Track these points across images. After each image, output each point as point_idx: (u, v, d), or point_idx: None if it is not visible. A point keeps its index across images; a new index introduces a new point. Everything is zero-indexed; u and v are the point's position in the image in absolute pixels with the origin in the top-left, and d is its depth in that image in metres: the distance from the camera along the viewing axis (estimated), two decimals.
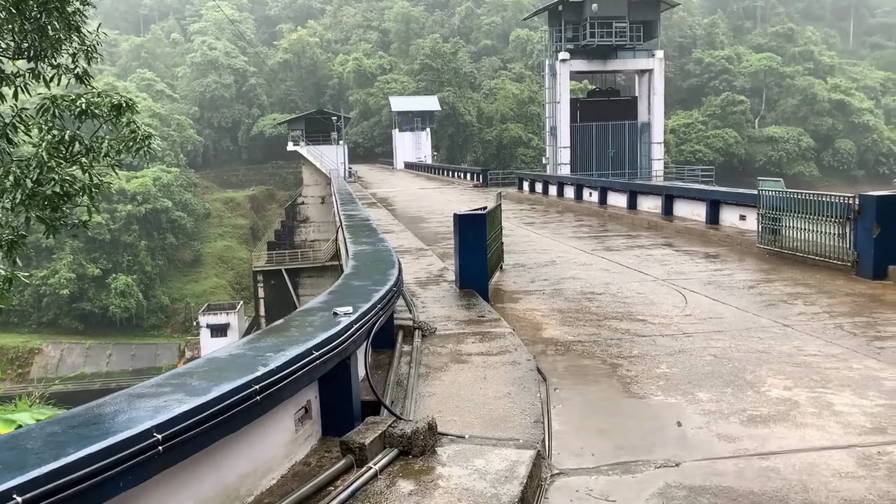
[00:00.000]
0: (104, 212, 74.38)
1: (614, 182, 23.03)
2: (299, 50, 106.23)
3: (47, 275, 72.00)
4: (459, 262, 9.86)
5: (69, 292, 71.04)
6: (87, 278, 72.81)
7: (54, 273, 71.98)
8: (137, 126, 9.12)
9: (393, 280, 6.26)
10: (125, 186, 76.88)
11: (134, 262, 75.94)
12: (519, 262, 13.45)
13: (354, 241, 9.39)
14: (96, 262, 74.37)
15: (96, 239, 74.31)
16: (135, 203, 76.88)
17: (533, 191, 30.47)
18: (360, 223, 11.68)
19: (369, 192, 37.15)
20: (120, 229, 75.98)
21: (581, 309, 9.48)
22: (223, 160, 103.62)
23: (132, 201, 76.78)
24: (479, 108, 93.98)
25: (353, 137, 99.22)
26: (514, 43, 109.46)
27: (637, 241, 15.79)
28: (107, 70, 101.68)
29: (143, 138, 9.00)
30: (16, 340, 69.44)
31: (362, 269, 7.08)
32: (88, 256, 74.88)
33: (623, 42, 43.49)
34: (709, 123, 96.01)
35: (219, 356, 4.12)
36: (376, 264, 7.16)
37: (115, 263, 75.11)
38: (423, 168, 61.45)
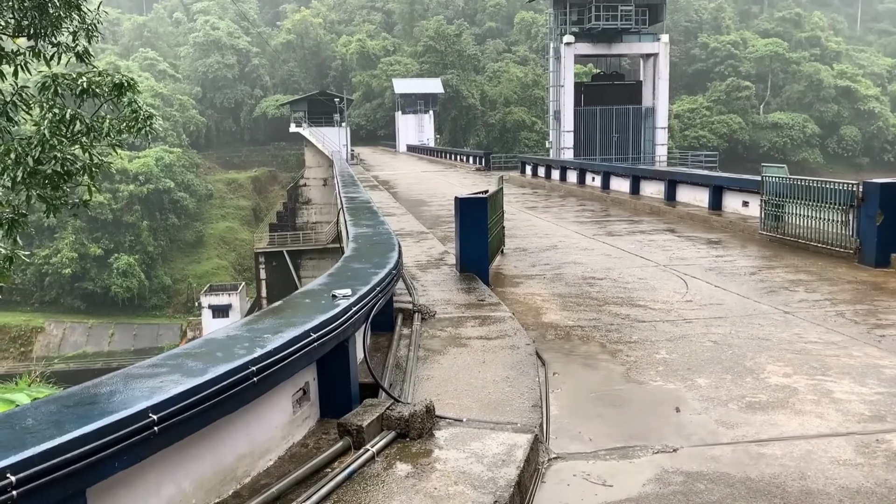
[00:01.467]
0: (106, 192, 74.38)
1: (617, 167, 22.93)
2: (302, 31, 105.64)
3: (49, 254, 72.13)
4: (460, 246, 9.84)
5: (71, 272, 71.15)
6: (89, 258, 72.90)
7: (56, 252, 72.10)
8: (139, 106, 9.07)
9: (392, 263, 6.24)
10: (127, 166, 76.80)
11: (136, 243, 75.98)
12: (520, 246, 13.42)
13: (355, 223, 9.36)
14: (98, 242, 74.41)
15: (98, 219, 74.29)
16: (137, 183, 76.79)
17: (536, 175, 30.37)
18: (361, 205, 11.64)
19: (371, 175, 37.06)
20: (122, 209, 75.94)
21: (582, 294, 9.46)
22: (225, 141, 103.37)
23: (134, 181, 76.69)
24: (483, 91, 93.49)
25: (356, 119, 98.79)
26: (518, 25, 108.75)
27: (639, 227, 15.75)
28: (109, 49, 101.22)
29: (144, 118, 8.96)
30: (18, 319, 69.68)
31: (362, 251, 7.06)
32: (90, 236, 74.92)
33: (628, 26, 43.16)
34: (713, 109, 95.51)
35: (216, 337, 4.11)
36: (376, 247, 7.14)
37: (118, 243, 75.16)
38: (425, 151, 61.24)
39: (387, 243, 7.28)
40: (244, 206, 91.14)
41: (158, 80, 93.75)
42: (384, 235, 7.84)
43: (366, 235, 8.08)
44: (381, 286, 5.54)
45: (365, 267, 6.08)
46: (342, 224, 11.99)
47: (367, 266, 6.09)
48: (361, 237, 7.99)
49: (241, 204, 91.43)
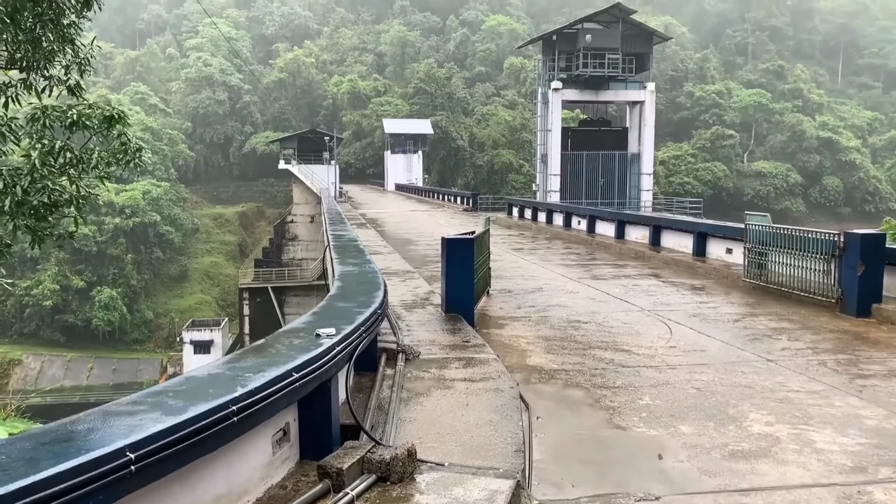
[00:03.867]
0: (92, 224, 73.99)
1: (603, 211, 23.14)
2: (294, 69, 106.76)
3: (31, 285, 71.30)
4: (445, 287, 9.84)
5: (52, 304, 70.31)
6: (71, 290, 72.15)
7: (38, 284, 71.29)
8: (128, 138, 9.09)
9: (378, 302, 6.23)
10: (114, 199, 76.53)
11: (119, 276, 75.37)
12: (506, 287, 13.45)
13: (341, 261, 9.36)
14: (81, 275, 73.74)
15: (83, 251, 73.78)
16: (123, 216, 76.47)
17: (522, 217, 30.57)
18: (348, 244, 11.65)
19: (359, 213, 37.15)
20: (107, 242, 75.45)
21: (566, 337, 9.46)
22: (214, 176, 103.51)
23: (120, 214, 76.37)
24: (472, 132, 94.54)
25: (346, 158, 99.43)
26: (507, 70, 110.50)
27: (624, 271, 15.84)
28: (101, 82, 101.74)
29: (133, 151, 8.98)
30: None
31: (347, 290, 7.05)
32: (74, 268, 74.26)
33: (615, 73, 44.00)
34: (698, 156, 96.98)
35: (197, 375, 4.07)
36: (361, 286, 7.13)
37: (101, 276, 74.49)
38: (413, 190, 61.58)
39: (372, 282, 7.27)
40: (230, 242, 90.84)
41: (149, 114, 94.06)
42: (370, 274, 7.84)
43: (352, 274, 8.08)
44: (365, 326, 5.52)
45: (350, 306, 6.06)
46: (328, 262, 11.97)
47: (352, 305, 6.08)
48: (347, 276, 7.98)
49: (227, 239, 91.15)
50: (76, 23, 10.06)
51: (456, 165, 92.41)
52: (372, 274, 7.77)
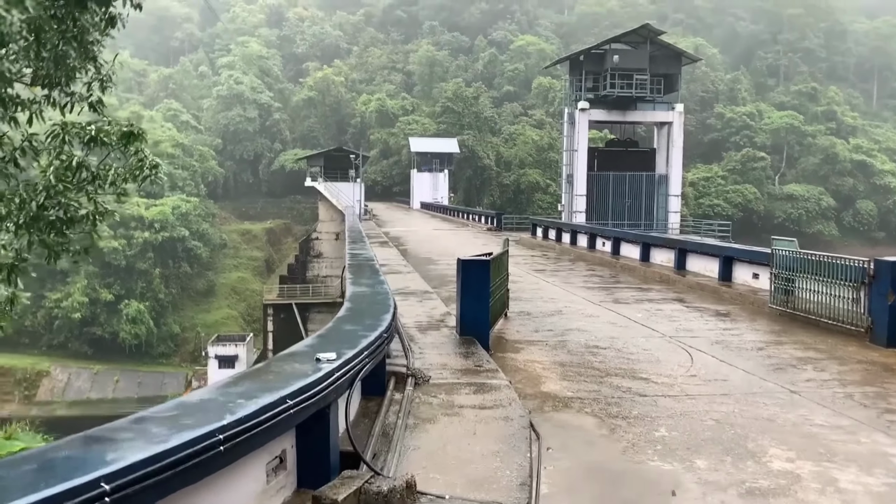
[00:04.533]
0: (121, 238, 75.20)
1: (628, 233, 22.83)
2: (324, 88, 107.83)
3: (61, 298, 72.32)
4: (461, 309, 9.68)
5: (81, 316, 71.17)
6: (99, 303, 73.05)
7: (67, 296, 72.25)
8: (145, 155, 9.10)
9: (384, 326, 6.09)
10: (143, 214, 77.70)
11: (147, 290, 76.15)
12: (525, 310, 13.24)
13: (354, 281, 9.25)
14: (110, 288, 74.65)
15: (112, 264, 74.75)
16: (152, 230, 77.42)
17: (546, 237, 30.33)
18: (364, 263, 11.55)
19: (383, 231, 37.16)
20: (136, 256, 76.36)
21: (583, 363, 9.24)
22: (243, 192, 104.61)
23: (150, 228, 77.33)
24: (499, 152, 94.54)
25: (372, 176, 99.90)
26: (536, 90, 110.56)
27: (647, 295, 15.54)
28: (134, 99, 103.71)
29: (150, 167, 8.98)
30: (25, 362, 69.44)
31: (356, 312, 6.93)
32: (103, 281, 75.20)
33: (643, 94, 43.72)
34: (728, 178, 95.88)
35: (189, 400, 3.95)
36: (371, 307, 7.00)
37: (129, 290, 75.33)
38: (438, 209, 61.59)
39: (382, 304, 7.15)
40: (257, 257, 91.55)
41: (180, 131, 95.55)
42: (381, 296, 7.72)
43: (363, 295, 7.96)
44: (369, 350, 5.39)
45: (356, 329, 5.94)
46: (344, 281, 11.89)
47: (358, 328, 5.95)
48: (358, 296, 7.86)
49: (255, 255, 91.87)
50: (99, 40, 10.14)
51: (482, 184, 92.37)
52: (383, 295, 7.65)
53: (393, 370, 7.27)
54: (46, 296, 73.66)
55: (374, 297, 7.65)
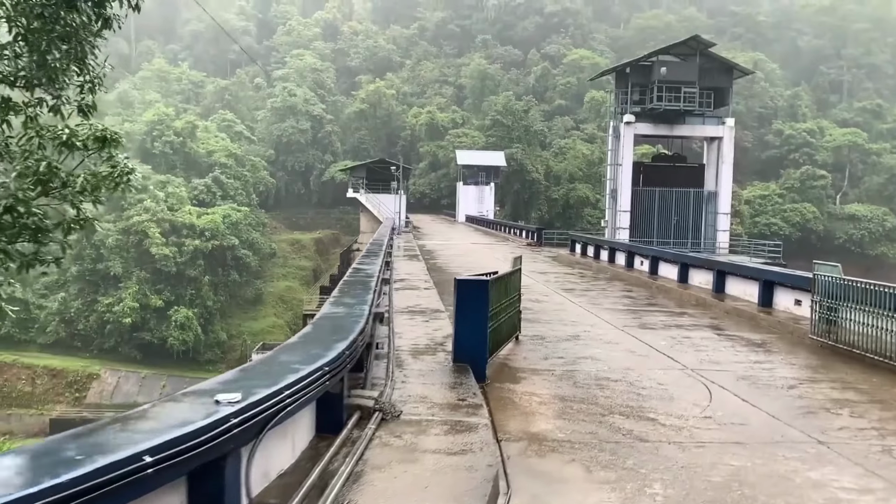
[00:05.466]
0: (172, 245, 76.77)
1: (666, 252, 21.63)
2: (375, 101, 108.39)
3: (112, 303, 73.99)
4: (455, 333, 8.89)
5: (131, 321, 72.56)
6: (149, 309, 74.38)
7: (119, 301, 73.83)
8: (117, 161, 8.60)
9: (331, 357, 5.33)
10: (195, 222, 79.11)
11: (196, 297, 77.26)
12: (539, 333, 12.34)
13: (336, 301, 8.54)
14: (160, 294, 75.97)
15: (162, 271, 76.21)
16: (203, 238, 78.71)
17: (585, 254, 29.22)
18: (359, 279, 10.84)
19: (419, 244, 36.51)
20: (186, 263, 77.66)
21: (587, 398, 8.32)
22: (293, 202, 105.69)
23: (200, 237, 78.63)
24: (548, 166, 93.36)
25: (420, 188, 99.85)
26: (588, 104, 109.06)
27: (678, 320, 14.45)
28: (191, 109, 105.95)
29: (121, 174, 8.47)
30: (76, 364, 70.98)
31: (309, 338, 6.20)
32: (153, 287, 76.60)
33: (692, 108, 42.13)
34: (786, 196, 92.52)
35: (12, 454, 3.25)
36: (331, 333, 6.27)
37: (178, 296, 76.52)
38: (482, 222, 60.79)
39: (347, 329, 6.40)
40: (305, 267, 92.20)
41: (234, 141, 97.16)
42: (352, 319, 6.98)
43: (332, 317, 7.23)
44: (297, 388, 4.64)
45: (292, 360, 5.20)
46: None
47: (297, 360, 5.21)
48: (325, 319, 7.14)
49: (303, 264, 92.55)
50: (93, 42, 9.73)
51: (531, 198, 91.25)
52: (355, 318, 6.91)
53: (358, 404, 6.52)
54: (99, 300, 75.48)
55: (343, 320, 6.92)
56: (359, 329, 6.52)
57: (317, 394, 5.10)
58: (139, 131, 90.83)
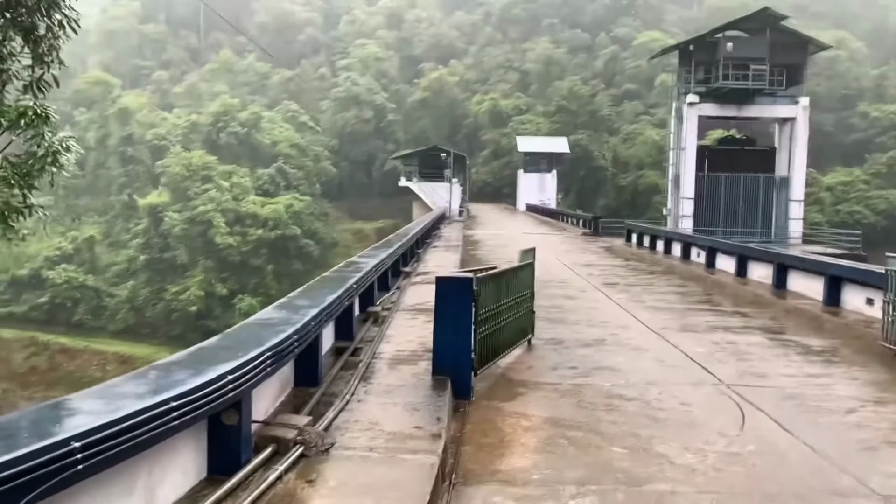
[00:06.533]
0: (237, 234, 78.05)
1: (722, 242, 19.60)
2: (438, 89, 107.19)
3: (179, 291, 75.75)
4: (435, 341, 7.51)
5: (197, 309, 74.07)
6: (214, 297, 75.77)
7: (185, 290, 75.51)
8: (45, 139, 7.58)
9: (186, 388, 4.05)
10: (259, 212, 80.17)
11: (260, 285, 78.22)
12: (559, 336, 10.83)
13: (282, 304, 7.26)
14: (225, 283, 77.34)
15: (227, 260, 77.60)
16: (266, 228, 79.71)
17: (641, 245, 27.25)
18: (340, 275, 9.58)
19: (468, 233, 35.14)
20: (250, 252, 78.89)
21: (587, 424, 6.83)
22: (356, 192, 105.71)
23: (264, 226, 79.64)
24: (616, 152, 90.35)
25: (482, 176, 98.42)
26: (658, 88, 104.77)
27: (727, 321, 12.66)
28: (257, 100, 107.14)
29: (45, 155, 7.41)
30: (144, 351, 72.79)
31: (195, 357, 4.94)
32: (218, 276, 78.00)
33: (761, 86, 39.03)
34: (872, 183, 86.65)
35: None
36: (232, 348, 4.99)
37: (243, 285, 77.68)
38: (542, 211, 58.87)
39: (251, 343, 5.11)
40: None
41: (298, 131, 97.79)
42: (281, 327, 5.69)
43: (261, 324, 5.95)
44: (142, 419, 3.39)
45: (129, 390, 3.94)
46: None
47: (139, 389, 3.96)
48: (246, 328, 5.89)
49: None
50: (43, 10, 8.72)
51: (597, 186, 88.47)
52: (281, 329, 5.62)
53: (274, 436, 5.25)
54: (166, 288, 77.37)
55: (265, 328, 5.65)
56: (277, 340, 5.23)
57: (195, 420, 3.88)
58: (205, 122, 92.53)
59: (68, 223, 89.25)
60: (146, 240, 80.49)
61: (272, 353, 5.16)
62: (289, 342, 5.49)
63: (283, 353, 5.45)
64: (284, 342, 5.42)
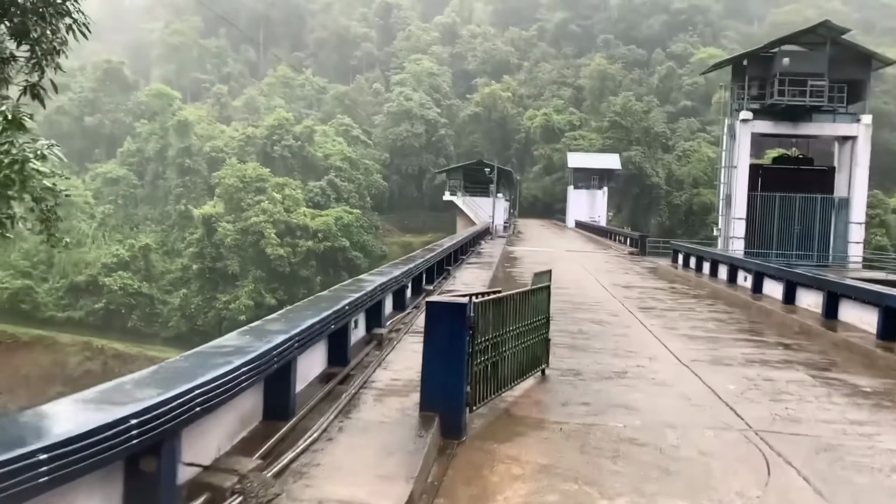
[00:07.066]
0: (287, 246, 78.90)
1: (769, 266, 18.35)
2: (490, 103, 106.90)
3: (229, 300, 76.87)
4: (423, 374, 6.83)
5: (246, 319, 74.56)
6: (264, 307, 76.26)
7: (235, 299, 76.61)
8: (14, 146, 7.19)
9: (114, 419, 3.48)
10: (309, 223, 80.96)
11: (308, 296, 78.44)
12: (578, 366, 10.02)
13: (253, 328, 6.69)
14: (274, 293, 78.14)
15: (277, 270, 78.47)
16: (315, 240, 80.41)
17: (687, 266, 26.03)
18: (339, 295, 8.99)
19: (508, 249, 34.33)
20: (299, 263, 79.71)
21: (586, 476, 6.05)
22: (406, 205, 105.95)
23: (313, 238, 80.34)
24: (670, 170, 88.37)
25: (534, 192, 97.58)
26: (716, 105, 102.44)
27: (766, 354, 11.63)
28: (312, 114, 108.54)
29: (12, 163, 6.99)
30: None
31: (117, 387, 4.36)
32: (268, 286, 78.94)
33: (819, 103, 37.19)
34: None
35: None
36: (150, 387, 4.40)
37: (291, 295, 78.09)
38: (591, 229, 57.60)
39: (185, 372, 4.53)
40: None
41: (350, 145, 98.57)
42: (234, 354, 5.10)
43: (211, 353, 5.35)
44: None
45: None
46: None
47: (13, 436, 3.40)
48: (199, 356, 5.31)
49: None
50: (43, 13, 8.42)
51: (650, 204, 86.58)
52: (232, 358, 5.04)
53: (209, 482, 4.65)
54: (217, 297, 78.64)
55: (214, 357, 5.06)
56: (219, 372, 4.64)
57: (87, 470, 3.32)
58: (261, 135, 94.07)
59: (126, 231, 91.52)
60: (200, 249, 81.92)
61: (210, 388, 4.57)
62: (236, 374, 4.90)
63: (229, 385, 4.86)
64: (230, 374, 4.83)
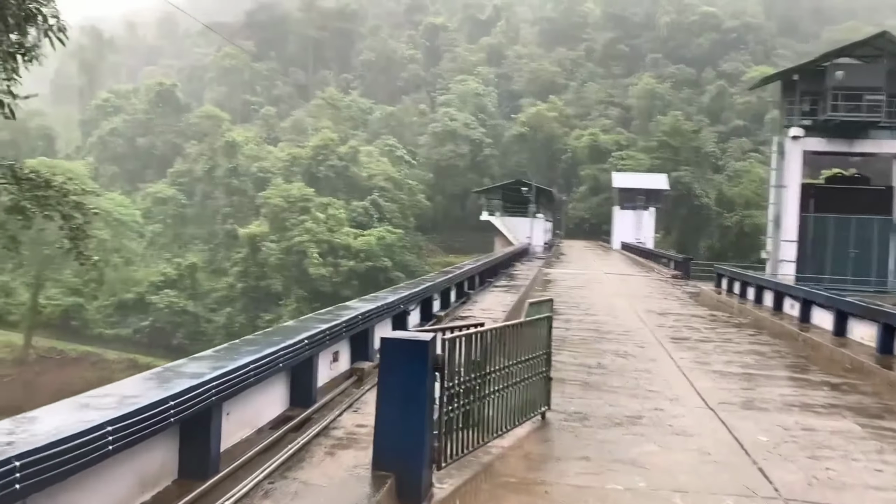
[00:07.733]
0: (329, 265, 78.99)
1: (818, 294, 16.72)
2: (536, 124, 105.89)
3: (273, 319, 77.00)
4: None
5: None
6: None
7: (278, 318, 76.64)
8: None
9: None
10: (351, 243, 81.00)
11: None
12: (586, 409, 8.81)
13: (169, 367, 5.74)
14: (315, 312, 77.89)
15: (319, 290, 78.49)
16: (357, 259, 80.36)
17: (731, 291, 24.37)
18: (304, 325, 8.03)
19: (545, 271, 33.03)
20: (341, 283, 79.60)
21: None
22: (451, 226, 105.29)
23: (355, 257, 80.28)
24: (720, 191, 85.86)
25: (580, 212, 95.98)
26: (769, 124, 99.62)
27: (808, 396, 10.22)
28: (358, 135, 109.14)
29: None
30: None
31: None
32: (310, 306, 78.75)
33: (876, 118, 35.01)
34: None
35: None
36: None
37: None
38: (636, 251, 55.81)
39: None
40: None
41: (394, 165, 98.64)
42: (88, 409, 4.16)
43: (81, 404, 4.41)
44: None
45: None
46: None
47: None
48: (144, 380, 4.35)
49: None
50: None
51: (700, 226, 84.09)
52: (91, 416, 4.10)
53: None
54: (261, 316, 79.13)
55: (80, 410, 4.12)
56: (69, 433, 3.68)
57: None
58: (306, 156, 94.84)
59: (175, 250, 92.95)
60: (244, 268, 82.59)
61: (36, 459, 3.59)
62: (95, 435, 3.93)
63: (100, 443, 3.90)
64: (90, 434, 3.87)
